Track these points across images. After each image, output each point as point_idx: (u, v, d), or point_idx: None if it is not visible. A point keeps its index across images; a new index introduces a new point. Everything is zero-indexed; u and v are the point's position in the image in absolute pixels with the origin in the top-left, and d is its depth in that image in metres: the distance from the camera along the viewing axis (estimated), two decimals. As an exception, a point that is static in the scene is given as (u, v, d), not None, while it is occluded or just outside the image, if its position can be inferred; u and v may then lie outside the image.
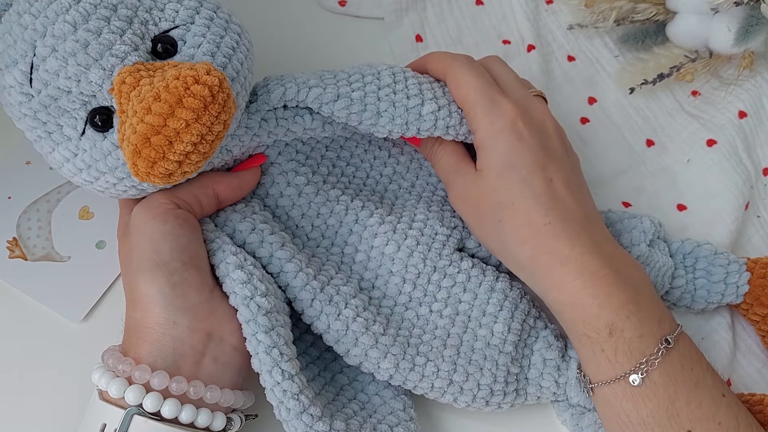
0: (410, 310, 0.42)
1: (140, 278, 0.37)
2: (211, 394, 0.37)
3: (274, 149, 0.44)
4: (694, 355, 0.39)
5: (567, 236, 0.39)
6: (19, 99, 0.37)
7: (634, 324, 0.38)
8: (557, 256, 0.39)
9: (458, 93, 0.43)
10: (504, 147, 0.41)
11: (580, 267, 0.38)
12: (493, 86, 0.43)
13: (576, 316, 0.39)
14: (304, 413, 0.36)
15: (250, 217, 0.42)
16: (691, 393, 0.38)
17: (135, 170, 0.35)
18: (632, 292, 0.38)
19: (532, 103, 0.43)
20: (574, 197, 0.41)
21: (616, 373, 0.38)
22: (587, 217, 0.41)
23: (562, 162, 0.42)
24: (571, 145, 0.45)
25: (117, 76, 0.35)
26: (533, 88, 0.46)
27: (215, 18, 0.39)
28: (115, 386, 0.36)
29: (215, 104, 0.34)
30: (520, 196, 0.40)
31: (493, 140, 0.41)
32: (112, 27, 0.36)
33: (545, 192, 0.40)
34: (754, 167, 0.52)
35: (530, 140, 0.41)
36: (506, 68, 0.46)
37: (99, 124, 0.37)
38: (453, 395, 0.41)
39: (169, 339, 0.37)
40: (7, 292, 0.46)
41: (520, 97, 0.43)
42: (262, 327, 0.37)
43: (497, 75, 0.45)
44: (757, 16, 0.50)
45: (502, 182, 0.41)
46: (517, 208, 0.40)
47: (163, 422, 0.36)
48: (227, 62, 0.38)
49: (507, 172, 0.41)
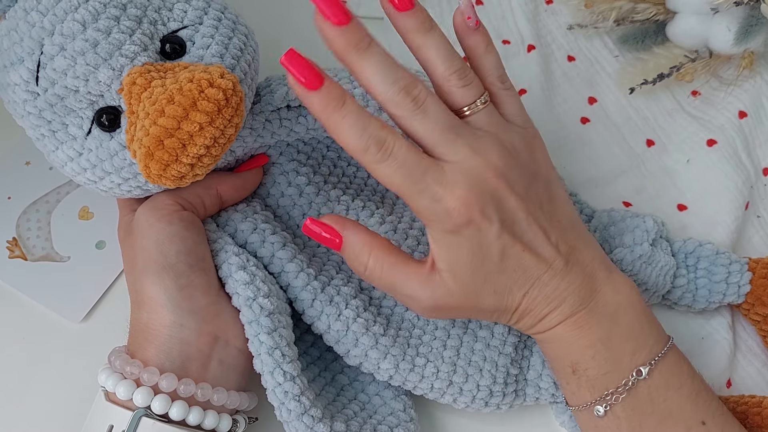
0: (410, 311, 0.42)
1: (147, 280, 0.37)
2: (218, 396, 0.37)
3: (276, 149, 0.44)
4: (674, 382, 0.38)
5: (543, 297, 0.37)
6: (24, 97, 0.37)
7: (599, 363, 0.37)
8: (536, 315, 0.38)
9: (389, 188, 0.36)
10: (466, 250, 0.36)
11: (554, 320, 0.38)
12: (426, 173, 0.35)
13: (546, 352, 0.40)
14: (305, 415, 0.36)
15: (251, 216, 0.42)
16: (660, 426, 0.37)
17: (147, 172, 0.35)
18: (605, 328, 0.38)
19: (474, 169, 0.36)
20: (546, 252, 0.37)
21: (579, 403, 0.39)
22: (567, 253, 0.38)
23: (526, 217, 0.37)
24: (532, 150, 0.39)
25: (127, 77, 0.35)
26: (469, 82, 0.37)
27: (223, 19, 0.39)
28: (123, 388, 0.36)
29: (229, 107, 0.34)
30: (497, 284, 0.37)
31: (450, 243, 0.36)
32: (121, 26, 0.36)
33: (519, 265, 0.37)
34: (754, 167, 0.52)
35: (490, 229, 0.36)
36: (434, 53, 0.37)
37: (106, 124, 0.37)
38: (452, 396, 0.41)
39: (177, 342, 0.37)
40: (7, 293, 0.46)
41: (460, 162, 0.36)
42: (264, 328, 0.37)
43: (420, 130, 0.36)
44: (757, 16, 0.50)
45: (477, 282, 0.37)
46: (499, 293, 0.38)
47: (170, 424, 0.36)
48: (236, 64, 0.38)
49: (478, 271, 0.37)
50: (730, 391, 0.45)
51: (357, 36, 0.35)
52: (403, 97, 0.35)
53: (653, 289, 0.44)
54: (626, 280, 0.39)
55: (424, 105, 0.36)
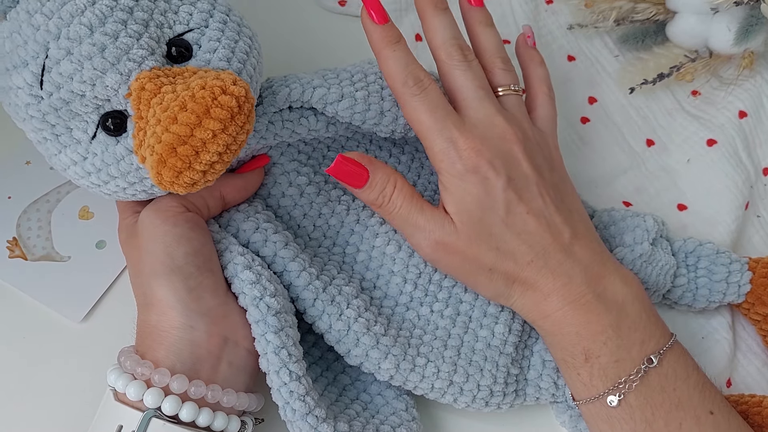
0: (411, 311, 0.42)
1: (155, 283, 0.37)
2: (228, 398, 0.37)
3: (277, 150, 0.44)
4: (681, 373, 0.38)
5: (549, 270, 0.39)
6: (27, 101, 0.36)
7: (611, 349, 0.38)
8: (541, 291, 0.39)
9: (412, 125, 0.41)
10: (472, 196, 0.39)
11: (562, 298, 0.39)
12: (449, 116, 0.40)
13: (555, 342, 0.40)
14: (309, 415, 0.36)
15: (253, 216, 0.42)
16: (671, 414, 0.38)
17: (159, 179, 0.34)
18: (614, 316, 0.38)
19: (494, 125, 0.40)
20: (552, 225, 0.40)
21: (591, 394, 0.39)
22: (573, 235, 0.40)
23: (537, 187, 0.40)
24: (550, 151, 0.43)
25: (136, 82, 0.35)
26: (510, 69, 0.43)
27: (228, 21, 0.38)
28: (133, 388, 0.36)
29: (242, 114, 0.34)
30: (501, 241, 0.39)
31: (458, 188, 0.39)
32: (129, 30, 0.36)
33: (524, 229, 0.39)
34: (754, 167, 0.52)
35: (497, 180, 0.39)
36: (489, 42, 0.44)
37: (112, 128, 0.37)
38: (453, 396, 0.41)
39: (187, 343, 0.37)
40: (7, 292, 0.46)
41: (482, 118, 0.40)
42: (271, 327, 0.37)
43: (460, 80, 0.41)
44: (757, 16, 0.50)
45: (482, 231, 0.39)
46: (502, 252, 0.39)
47: (180, 425, 0.36)
48: (242, 67, 0.38)
49: (484, 220, 0.39)
50: (730, 391, 0.45)
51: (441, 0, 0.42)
52: (455, 49, 0.41)
53: (653, 288, 0.44)
54: (633, 275, 0.41)
55: (470, 62, 0.42)
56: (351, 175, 0.40)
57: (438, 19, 0.42)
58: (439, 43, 0.42)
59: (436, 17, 0.42)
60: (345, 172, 0.40)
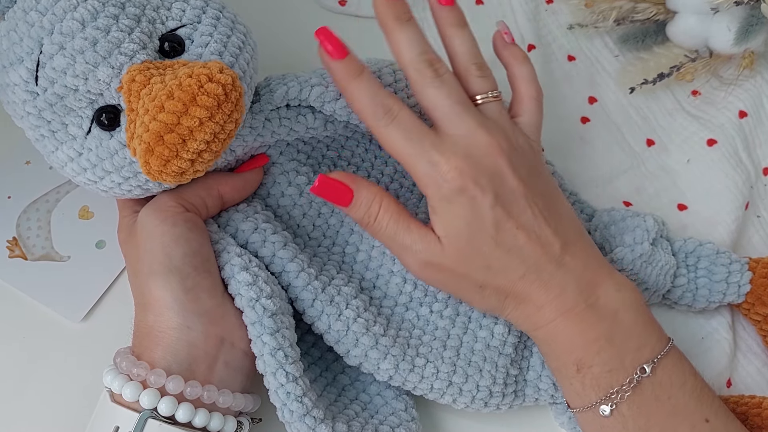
0: (411, 311, 0.42)
1: (153, 283, 0.37)
2: (224, 398, 0.37)
3: (276, 149, 0.44)
4: (677, 380, 0.38)
5: (541, 283, 0.38)
6: (24, 97, 0.37)
7: (604, 359, 0.38)
8: (534, 303, 0.39)
9: (393, 156, 0.39)
10: (460, 218, 0.38)
11: (555, 310, 0.39)
12: (426, 138, 0.38)
13: (550, 352, 0.40)
14: (307, 416, 0.36)
15: (252, 216, 0.42)
16: (666, 423, 0.37)
17: (147, 168, 0.34)
18: (607, 325, 0.38)
19: (476, 141, 0.38)
20: (543, 237, 0.39)
21: (584, 404, 0.39)
22: (563, 245, 0.39)
23: (525, 200, 0.39)
24: (535, 156, 0.41)
25: (126, 75, 0.35)
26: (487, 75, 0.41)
27: (221, 18, 0.39)
28: (129, 389, 0.36)
29: (228, 102, 0.34)
30: (492, 258, 0.38)
31: (446, 211, 0.38)
32: (120, 25, 0.36)
33: (514, 245, 0.38)
34: (754, 167, 0.52)
35: (484, 199, 0.38)
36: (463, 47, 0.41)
37: (105, 123, 0.37)
38: (452, 396, 0.41)
39: (184, 344, 0.37)
40: (7, 292, 0.46)
41: (463, 134, 0.38)
42: (267, 329, 0.37)
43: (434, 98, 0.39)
44: (757, 16, 0.50)
45: (472, 251, 0.38)
46: (493, 269, 0.39)
47: (176, 426, 0.36)
48: (234, 62, 0.38)
49: (474, 240, 0.38)
50: (730, 391, 0.45)
51: (401, 9, 0.39)
52: (425, 66, 0.39)
53: (653, 288, 0.44)
54: (627, 280, 0.40)
55: (443, 77, 0.39)
56: (334, 195, 0.39)
57: (403, 33, 0.39)
58: (407, 62, 0.39)
59: (400, 32, 0.39)
60: (328, 192, 0.39)
